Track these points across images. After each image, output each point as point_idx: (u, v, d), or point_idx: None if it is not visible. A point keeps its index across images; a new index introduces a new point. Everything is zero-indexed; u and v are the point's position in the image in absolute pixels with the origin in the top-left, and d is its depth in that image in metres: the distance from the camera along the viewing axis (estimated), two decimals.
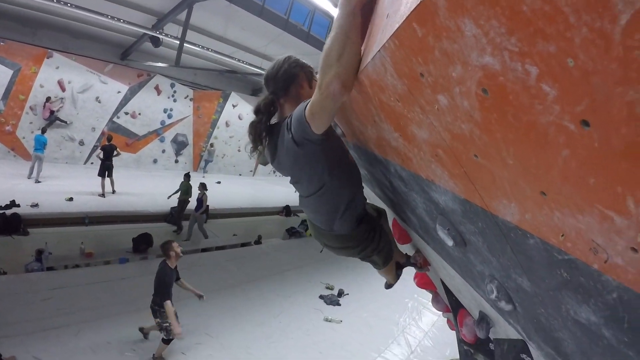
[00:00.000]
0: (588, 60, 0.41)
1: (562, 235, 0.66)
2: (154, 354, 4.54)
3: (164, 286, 4.36)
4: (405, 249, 2.41)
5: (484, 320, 1.83)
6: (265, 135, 1.48)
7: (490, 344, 2.12)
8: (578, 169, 0.52)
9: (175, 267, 4.59)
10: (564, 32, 0.41)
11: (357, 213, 1.59)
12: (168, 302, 4.25)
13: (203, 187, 9.58)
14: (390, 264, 2.07)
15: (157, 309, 4.36)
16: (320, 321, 6.20)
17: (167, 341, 4.45)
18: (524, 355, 1.56)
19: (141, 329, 4.88)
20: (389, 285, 2.51)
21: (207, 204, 9.49)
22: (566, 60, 0.43)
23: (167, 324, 4.31)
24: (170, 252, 4.49)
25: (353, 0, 1.11)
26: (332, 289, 7.51)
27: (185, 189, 9.96)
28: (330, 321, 6.25)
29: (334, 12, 6.29)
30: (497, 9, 0.47)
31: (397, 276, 2.33)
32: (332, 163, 1.44)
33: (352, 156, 1.66)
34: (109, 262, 7.07)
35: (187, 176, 10.20)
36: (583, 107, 0.44)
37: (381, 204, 2.26)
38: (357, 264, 8.11)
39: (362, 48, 1.13)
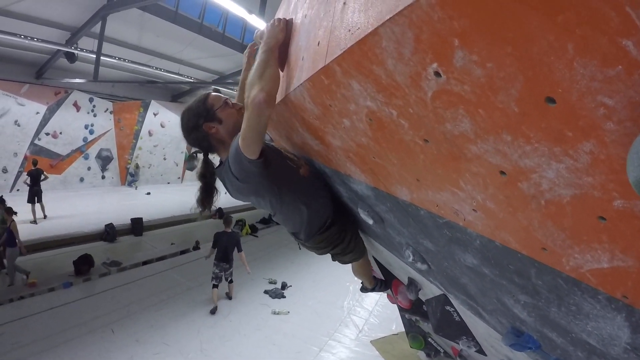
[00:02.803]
0: (415, 110, 0.68)
1: (437, 206, 0.91)
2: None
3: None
4: None
5: (412, 284, 2.13)
6: (215, 191, 1.63)
7: (423, 305, 2.46)
8: (431, 165, 0.78)
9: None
10: (400, 96, 0.69)
11: (321, 222, 1.67)
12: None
13: (9, 212, 7.40)
14: (364, 266, 2.28)
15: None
16: (268, 315, 6.67)
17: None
18: (447, 307, 1.87)
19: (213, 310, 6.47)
20: (364, 289, 2.68)
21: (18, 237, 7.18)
22: (408, 109, 0.69)
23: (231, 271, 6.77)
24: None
25: (271, 43, 1.36)
26: (275, 282, 7.90)
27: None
28: (278, 314, 6.66)
29: (247, 16, 6.71)
30: (370, 78, 0.72)
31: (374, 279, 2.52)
32: (279, 186, 1.51)
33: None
34: (53, 289, 7.08)
35: (1, 201, 8.18)
36: (422, 132, 0.72)
37: None
38: (296, 256, 8.83)
39: (282, 75, 1.36)
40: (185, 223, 12.48)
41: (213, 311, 6.57)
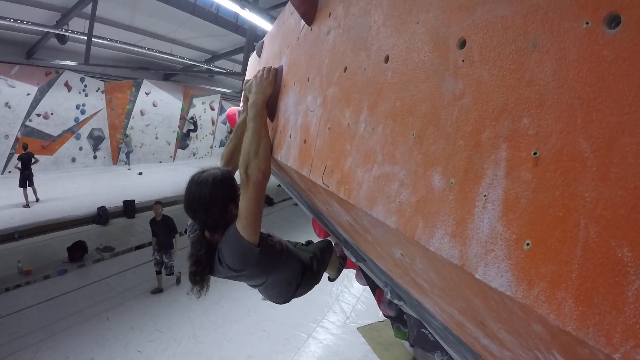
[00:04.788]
0: None
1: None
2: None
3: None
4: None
5: (392, 303, 2.19)
6: (208, 272, 1.51)
7: (404, 315, 2.54)
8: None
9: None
10: None
11: (298, 279, 1.82)
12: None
13: None
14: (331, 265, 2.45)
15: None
16: (258, 301, 6.61)
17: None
18: (422, 329, 2.03)
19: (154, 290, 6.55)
20: (331, 280, 2.87)
21: None
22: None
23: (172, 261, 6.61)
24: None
25: (259, 101, 1.47)
26: None
27: None
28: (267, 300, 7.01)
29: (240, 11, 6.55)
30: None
31: (339, 271, 2.70)
32: (270, 268, 1.60)
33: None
34: (48, 277, 7.20)
35: None
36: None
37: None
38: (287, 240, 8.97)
39: (270, 126, 1.55)
40: (177, 204, 12.50)
41: (154, 291, 6.83)
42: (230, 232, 1.38)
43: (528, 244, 0.41)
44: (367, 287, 7.23)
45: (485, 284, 0.45)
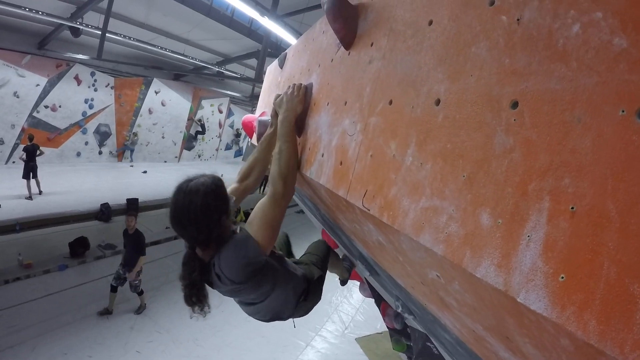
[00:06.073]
0: None
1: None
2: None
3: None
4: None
5: (399, 315, 2.32)
6: (204, 292, 1.43)
7: (408, 328, 2.66)
8: None
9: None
10: None
11: (298, 295, 1.73)
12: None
13: None
14: (334, 263, 2.43)
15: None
16: None
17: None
18: (428, 343, 2.07)
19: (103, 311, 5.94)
20: (343, 282, 2.98)
21: None
22: None
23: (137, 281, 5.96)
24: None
25: (290, 117, 1.56)
26: None
27: None
28: None
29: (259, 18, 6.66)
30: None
31: (348, 271, 2.79)
32: (275, 278, 1.53)
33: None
34: (48, 271, 7.22)
35: None
36: None
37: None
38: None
39: (299, 140, 1.63)
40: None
41: (102, 312, 6.08)
42: (237, 239, 1.34)
43: (562, 277, 0.52)
44: (367, 299, 7.29)
45: (525, 307, 0.56)
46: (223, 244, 1.36)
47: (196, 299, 1.38)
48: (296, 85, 1.77)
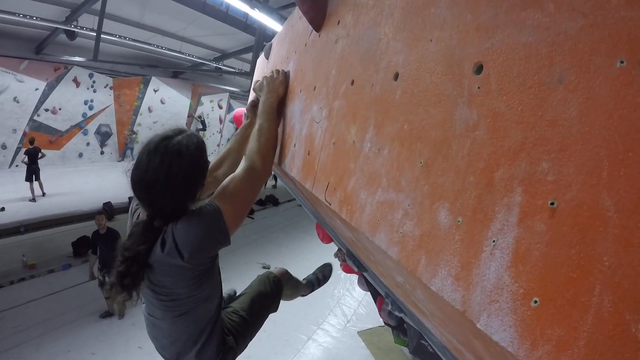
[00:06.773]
0: None
1: None
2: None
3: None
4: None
5: (393, 313, 2.23)
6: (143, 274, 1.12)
7: (405, 324, 2.57)
8: None
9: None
10: None
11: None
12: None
13: None
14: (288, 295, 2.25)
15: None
16: None
17: None
18: (422, 340, 2.04)
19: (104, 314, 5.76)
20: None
21: None
22: None
23: None
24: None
25: (272, 99, 1.45)
26: (268, 267, 7.99)
27: None
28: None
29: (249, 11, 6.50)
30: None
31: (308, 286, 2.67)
32: (208, 279, 1.22)
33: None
34: (52, 271, 7.23)
35: None
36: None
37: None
38: (290, 241, 8.90)
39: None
40: None
41: (104, 315, 5.89)
42: (208, 211, 1.08)
43: (536, 302, 0.38)
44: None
45: (487, 335, 0.42)
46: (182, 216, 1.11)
47: (130, 280, 1.06)
48: (275, 70, 1.67)
